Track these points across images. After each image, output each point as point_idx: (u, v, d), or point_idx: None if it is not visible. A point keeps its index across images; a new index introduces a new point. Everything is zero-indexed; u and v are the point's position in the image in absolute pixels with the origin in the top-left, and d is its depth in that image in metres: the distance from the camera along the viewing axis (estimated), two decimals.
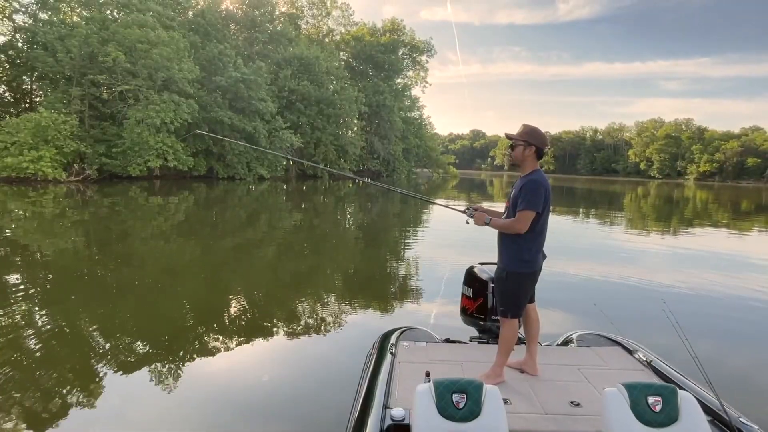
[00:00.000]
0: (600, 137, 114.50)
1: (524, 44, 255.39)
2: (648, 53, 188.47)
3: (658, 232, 14.83)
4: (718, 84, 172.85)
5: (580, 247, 11.16)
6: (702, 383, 2.30)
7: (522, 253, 2.61)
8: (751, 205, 29.58)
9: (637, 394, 1.79)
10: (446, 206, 3.05)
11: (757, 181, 77.30)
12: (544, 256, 2.77)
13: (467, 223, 2.84)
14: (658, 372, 2.65)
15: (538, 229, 2.63)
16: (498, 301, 2.78)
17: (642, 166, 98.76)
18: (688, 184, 74.04)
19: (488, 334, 3.22)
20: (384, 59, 49.22)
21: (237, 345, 4.35)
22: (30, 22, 26.58)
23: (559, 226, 15.36)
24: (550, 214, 2.74)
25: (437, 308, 5.65)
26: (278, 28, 40.93)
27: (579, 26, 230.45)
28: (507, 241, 2.67)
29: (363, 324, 5.07)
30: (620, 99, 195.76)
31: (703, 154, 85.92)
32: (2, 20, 27.62)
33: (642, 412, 1.75)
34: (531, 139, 2.67)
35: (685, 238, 13.53)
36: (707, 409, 2.07)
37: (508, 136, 2.77)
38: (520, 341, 3.20)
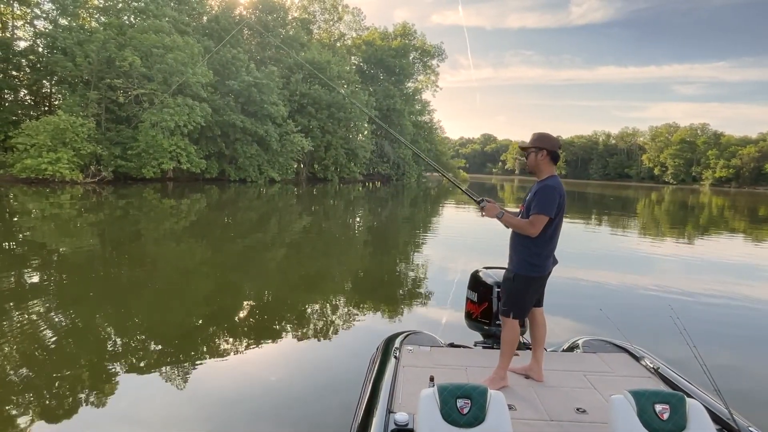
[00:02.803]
0: (613, 142, 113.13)
1: (536, 48, 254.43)
2: (663, 57, 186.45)
3: (670, 238, 14.61)
4: (735, 88, 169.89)
5: (588, 252, 11.05)
6: (710, 391, 2.27)
7: (532, 258, 2.63)
8: None
9: (644, 401, 1.77)
10: (465, 191, 3.08)
11: None
12: (556, 262, 2.77)
13: (482, 215, 2.81)
14: (665, 379, 2.61)
15: (549, 235, 2.63)
16: (503, 300, 2.80)
17: (656, 171, 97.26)
18: (704, 189, 72.63)
19: (493, 339, 3.22)
20: (395, 63, 49.42)
21: (242, 346, 4.41)
22: (50, 27, 27.26)
23: (568, 230, 15.22)
24: (567, 218, 2.75)
25: (442, 312, 5.65)
26: (290, 32, 41.37)
27: (592, 30, 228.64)
28: (518, 245, 2.69)
29: (368, 327, 5.10)
30: (634, 104, 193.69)
31: (719, 160, 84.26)
32: (24, 26, 28.43)
33: (649, 420, 1.73)
34: (540, 144, 2.70)
35: (697, 245, 13.30)
36: (716, 418, 2.04)
37: (521, 146, 2.81)
38: (527, 347, 3.20)
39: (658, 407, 1.75)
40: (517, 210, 2.85)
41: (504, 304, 2.77)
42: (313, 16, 48.96)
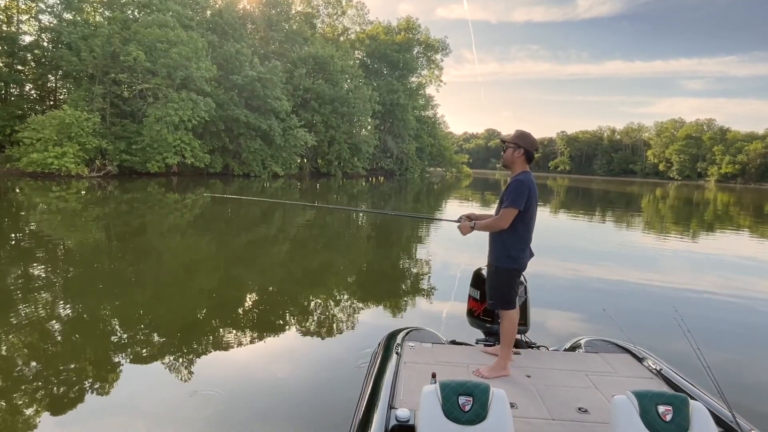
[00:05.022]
0: (618, 137, 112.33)
1: (542, 42, 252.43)
2: (670, 52, 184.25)
3: (674, 235, 14.53)
4: (744, 83, 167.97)
5: (591, 250, 11.02)
6: (713, 394, 2.27)
7: (509, 250, 2.77)
8: None
9: (647, 402, 1.77)
10: (438, 219, 3.19)
11: None
12: (532, 254, 2.89)
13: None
14: (668, 381, 2.60)
15: (522, 227, 2.76)
16: (488, 294, 2.92)
17: (661, 167, 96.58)
18: (709, 185, 72.09)
19: (495, 337, 3.22)
20: (398, 58, 49.16)
21: (244, 340, 4.44)
22: (55, 22, 27.30)
23: (572, 228, 15.17)
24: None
25: (444, 309, 5.66)
26: (294, 27, 41.22)
27: (599, 24, 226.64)
28: (496, 239, 2.84)
29: (370, 323, 5.11)
30: (640, 99, 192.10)
31: (725, 156, 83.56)
32: (29, 20, 28.47)
33: (652, 422, 1.73)
34: (520, 142, 2.85)
35: (702, 243, 13.23)
36: (719, 421, 2.03)
37: (501, 139, 2.97)
38: (528, 345, 3.20)
39: (661, 408, 1.75)
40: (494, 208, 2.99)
41: (490, 298, 2.89)
42: (316, 10, 48.71)
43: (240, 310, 5.47)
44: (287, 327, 4.98)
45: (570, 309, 5.64)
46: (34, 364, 3.68)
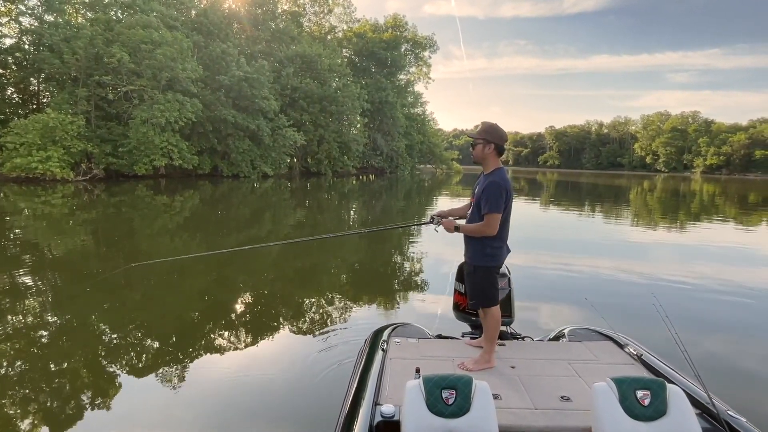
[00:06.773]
0: (605, 131, 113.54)
1: (530, 38, 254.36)
2: (656, 45, 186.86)
3: (658, 226, 14.77)
4: (728, 76, 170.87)
5: (577, 242, 11.17)
6: (691, 377, 2.33)
7: (486, 248, 2.75)
8: (759, 198, 29.27)
9: (626, 388, 1.82)
10: (410, 225, 3.21)
11: (765, 174, 76.36)
12: (508, 251, 2.88)
13: (436, 231, 2.93)
14: (648, 366, 2.65)
15: (499, 226, 2.74)
16: (468, 294, 2.89)
17: (648, 159, 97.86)
18: (695, 177, 73.22)
19: (480, 330, 3.25)
20: (386, 56, 49.12)
21: (233, 341, 4.44)
22: (36, 24, 26.77)
23: (558, 221, 15.34)
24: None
25: (431, 304, 5.70)
26: (280, 26, 40.93)
27: (585, 18, 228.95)
28: (473, 238, 2.81)
29: (358, 320, 5.13)
30: (627, 92, 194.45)
31: (710, 147, 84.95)
32: (9, 23, 27.87)
33: (631, 407, 1.78)
34: (489, 137, 2.74)
35: (685, 232, 13.48)
36: (696, 403, 2.09)
37: (469, 135, 2.86)
38: (514, 337, 3.25)
39: (639, 393, 1.80)
40: (468, 202, 2.96)
41: (471, 298, 2.85)
42: (303, 8, 48.40)
43: (230, 312, 5.46)
44: (276, 325, 4.98)
45: (553, 299, 5.71)
46: (24, 374, 3.65)
